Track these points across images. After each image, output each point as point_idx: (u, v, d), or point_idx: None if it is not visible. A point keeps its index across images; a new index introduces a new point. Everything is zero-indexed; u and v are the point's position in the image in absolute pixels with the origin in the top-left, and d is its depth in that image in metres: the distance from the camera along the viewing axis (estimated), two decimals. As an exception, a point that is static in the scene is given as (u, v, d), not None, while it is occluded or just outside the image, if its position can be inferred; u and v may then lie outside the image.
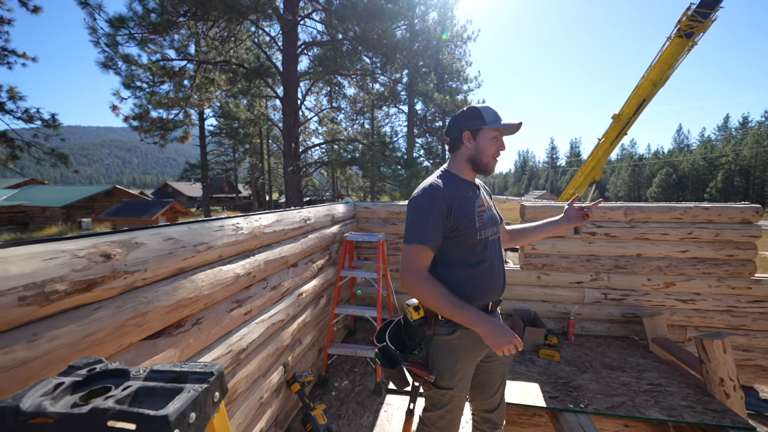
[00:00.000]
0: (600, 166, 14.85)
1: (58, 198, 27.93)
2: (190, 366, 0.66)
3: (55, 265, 0.77)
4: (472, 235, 1.21)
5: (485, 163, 1.27)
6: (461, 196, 1.23)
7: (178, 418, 0.53)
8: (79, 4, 6.96)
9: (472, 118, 1.25)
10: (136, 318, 0.96)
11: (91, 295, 0.85)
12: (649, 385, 2.42)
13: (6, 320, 0.68)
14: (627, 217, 3.08)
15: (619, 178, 66.32)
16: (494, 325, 1.11)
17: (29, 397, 0.56)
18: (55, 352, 0.76)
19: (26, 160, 11.48)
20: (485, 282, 1.26)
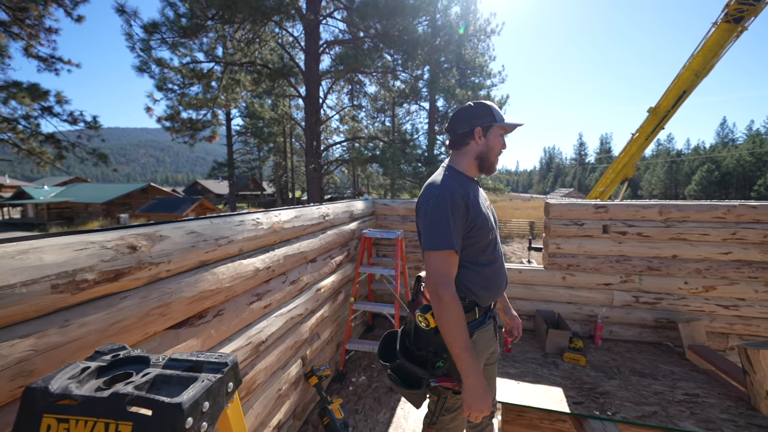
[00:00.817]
0: (633, 162, 14.05)
1: (99, 195, 29.89)
2: (206, 356, 0.68)
3: (86, 256, 0.82)
4: (486, 234, 1.17)
5: (492, 162, 1.23)
6: (473, 194, 1.19)
7: (191, 407, 0.54)
8: (117, 11, 7.38)
9: (484, 115, 1.20)
10: (161, 308, 1.00)
11: (119, 284, 0.89)
12: (684, 395, 2.26)
13: (40, 306, 0.73)
14: (662, 216, 2.89)
15: (654, 176, 62.55)
16: (482, 388, 1.05)
17: (58, 379, 0.60)
18: (85, 338, 0.80)
19: (71, 160, 12.37)
20: (495, 281, 1.22)
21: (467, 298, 1.18)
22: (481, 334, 1.19)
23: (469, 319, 1.18)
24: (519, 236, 22.39)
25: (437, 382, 1.11)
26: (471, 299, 1.18)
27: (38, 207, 28.42)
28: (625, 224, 2.96)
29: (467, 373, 1.05)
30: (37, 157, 11.95)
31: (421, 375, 1.13)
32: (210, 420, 0.58)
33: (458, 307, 1.07)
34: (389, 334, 1.30)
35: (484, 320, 1.21)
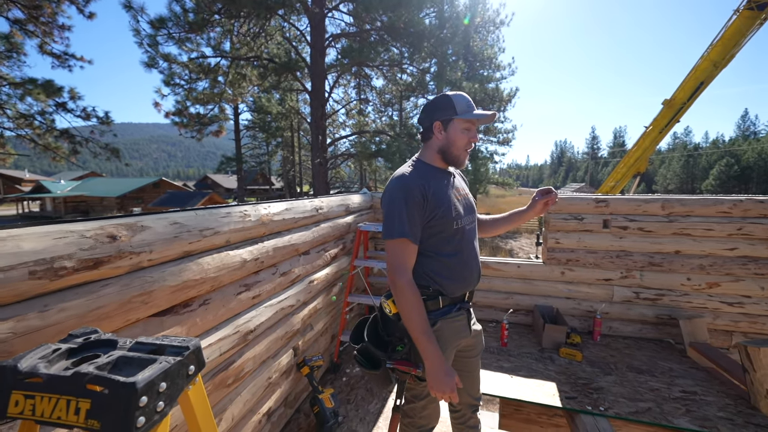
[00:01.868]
0: (646, 156, 13.70)
1: (113, 189, 30.64)
2: (170, 340, 0.70)
3: (64, 244, 0.85)
4: (449, 225, 1.18)
5: (456, 156, 1.22)
6: (436, 185, 1.19)
7: (146, 386, 0.57)
8: (124, 7, 7.48)
9: (444, 108, 1.19)
10: (143, 296, 1.04)
11: (99, 272, 0.93)
12: (681, 392, 2.24)
13: (19, 291, 0.76)
14: (665, 210, 2.83)
15: (669, 170, 60.75)
16: (444, 369, 1.09)
17: (28, 359, 0.63)
18: (65, 323, 0.84)
19: (86, 155, 12.70)
20: (462, 272, 1.22)
21: (431, 286, 1.19)
22: (446, 323, 1.21)
23: (433, 307, 1.19)
24: (528, 231, 22.15)
25: (393, 365, 1.17)
26: (435, 288, 1.19)
27: (56, 201, 29.32)
28: (627, 219, 2.90)
29: (426, 355, 1.09)
30: (53, 152, 12.31)
31: (382, 357, 1.19)
32: (167, 400, 0.61)
33: (413, 294, 1.11)
34: (363, 319, 1.35)
35: (450, 310, 1.22)
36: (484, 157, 21.55)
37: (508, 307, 3.21)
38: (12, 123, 11.54)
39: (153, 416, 0.58)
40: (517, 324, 3.25)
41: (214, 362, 1.35)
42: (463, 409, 1.44)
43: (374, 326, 1.32)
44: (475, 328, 1.38)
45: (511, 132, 24.29)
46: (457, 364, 1.37)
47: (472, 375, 1.42)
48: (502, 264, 3.29)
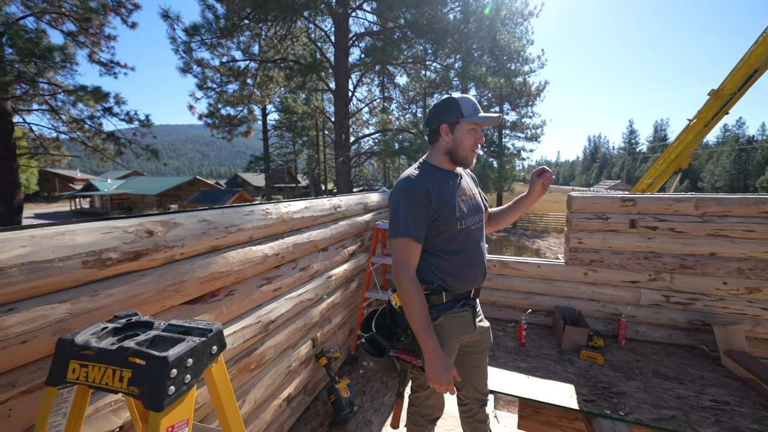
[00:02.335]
0: (689, 152, 12.73)
1: (152, 187, 32.75)
2: (197, 323, 0.80)
3: (110, 238, 0.98)
4: (452, 225, 1.21)
5: (463, 156, 1.25)
6: (440, 186, 1.22)
7: (176, 360, 0.66)
8: (162, 17, 7.98)
9: (451, 111, 1.22)
10: (175, 285, 1.16)
11: (138, 263, 1.05)
12: (712, 401, 2.13)
13: (74, 278, 0.89)
14: (698, 210, 2.67)
15: (718, 166, 56.00)
16: (442, 362, 1.14)
17: (82, 334, 0.75)
18: (110, 306, 0.97)
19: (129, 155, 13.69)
20: (466, 270, 1.26)
21: (435, 282, 1.24)
22: (449, 318, 1.25)
23: (436, 301, 1.24)
24: (556, 231, 21.34)
25: (395, 353, 1.24)
26: (439, 284, 1.24)
27: (103, 198, 31.78)
28: (656, 219, 2.77)
29: (425, 348, 1.15)
30: (101, 153, 13.37)
31: (386, 346, 1.26)
32: (193, 374, 0.70)
33: (415, 290, 1.16)
34: (373, 311, 1.43)
35: (453, 306, 1.26)
36: (510, 153, 20.97)
37: (527, 308, 3.17)
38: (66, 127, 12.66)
39: (181, 387, 0.67)
40: (536, 325, 3.19)
41: (238, 348, 1.47)
42: (470, 403, 1.48)
43: (383, 317, 1.40)
44: (482, 324, 1.41)
45: (539, 127, 23.44)
46: (462, 358, 1.41)
47: (479, 370, 1.45)
48: (522, 264, 3.24)
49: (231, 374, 1.42)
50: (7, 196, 10.86)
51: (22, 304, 0.80)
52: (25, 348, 0.80)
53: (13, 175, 11.01)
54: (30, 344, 0.80)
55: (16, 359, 0.79)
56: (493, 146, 21.61)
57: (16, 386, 0.80)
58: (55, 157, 13.53)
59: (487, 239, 4.64)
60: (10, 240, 0.79)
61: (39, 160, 14.11)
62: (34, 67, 11.04)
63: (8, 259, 0.77)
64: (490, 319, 3.27)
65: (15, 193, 11.14)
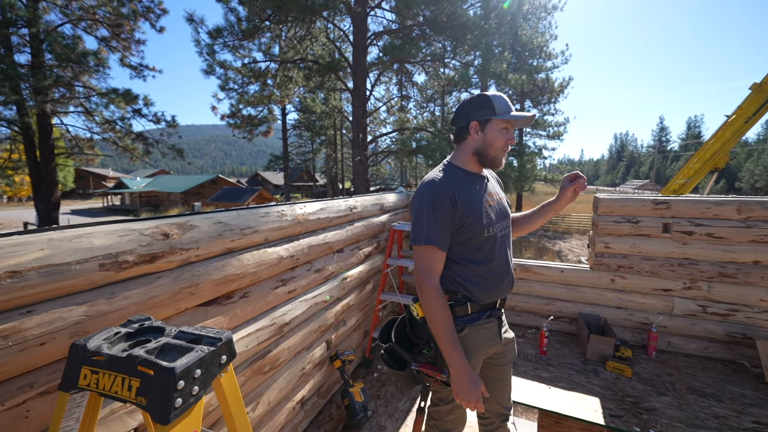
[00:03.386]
0: (726, 150, 11.92)
1: (178, 185, 34.06)
2: (207, 331, 0.78)
3: (127, 241, 0.98)
4: (479, 233, 1.14)
5: (493, 156, 1.17)
6: (467, 190, 1.15)
7: (183, 371, 0.64)
8: (187, 21, 8.22)
9: (482, 108, 1.15)
10: (190, 287, 1.16)
11: (155, 266, 1.06)
12: (754, 423, 1.96)
13: (91, 280, 0.90)
14: (741, 214, 2.47)
15: (758, 165, 52.33)
16: (470, 377, 1.07)
17: (95, 339, 0.74)
18: (127, 309, 0.97)
19: (156, 154, 14.29)
20: (493, 280, 1.18)
21: (459, 292, 1.17)
22: (474, 330, 1.18)
23: (461, 312, 1.17)
24: (579, 232, 20.58)
25: (418, 367, 1.18)
26: (464, 294, 1.17)
27: (132, 195, 33.33)
28: (692, 223, 2.59)
29: (451, 362, 1.08)
30: (131, 153, 14.01)
31: (407, 359, 1.20)
32: (201, 385, 0.68)
33: (439, 300, 1.10)
34: (392, 319, 1.37)
35: (479, 317, 1.19)
36: (531, 152, 20.39)
37: (549, 314, 3.04)
38: (99, 128, 13.34)
39: (189, 399, 0.65)
40: (559, 332, 3.06)
41: (253, 350, 1.47)
42: (491, 417, 1.41)
43: (402, 327, 1.35)
44: (507, 336, 1.34)
45: (562, 125, 22.64)
46: (486, 371, 1.35)
47: (502, 383, 1.38)
48: (544, 268, 3.11)
49: (245, 377, 1.42)
50: (46, 194, 11.56)
51: (41, 306, 0.81)
52: (43, 350, 0.81)
53: (51, 174, 11.71)
54: (48, 346, 0.81)
55: (35, 361, 0.80)
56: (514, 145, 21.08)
57: (35, 387, 0.81)
58: (89, 156, 14.30)
59: (507, 242, 4.41)
60: (29, 243, 0.80)
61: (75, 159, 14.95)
62: (71, 71, 11.68)
63: (27, 261, 0.78)
64: (509, 325, 3.19)
65: (53, 190, 11.84)
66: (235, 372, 1.37)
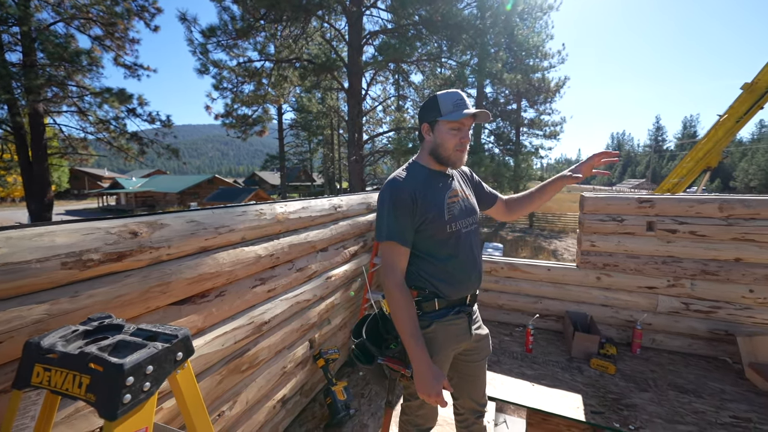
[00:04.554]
0: (719, 149, 12.00)
1: (174, 185, 33.91)
2: (164, 328, 0.79)
3: (91, 239, 0.98)
4: (441, 229, 1.16)
5: (446, 156, 1.19)
6: (428, 188, 1.17)
7: (132, 368, 0.65)
8: (180, 19, 8.18)
9: (431, 109, 1.18)
10: (161, 286, 1.16)
11: (122, 264, 1.06)
12: (732, 417, 1.98)
13: (53, 279, 0.90)
14: (723, 212, 2.49)
15: (752, 164, 52.67)
16: (431, 372, 1.08)
17: (50, 337, 0.74)
18: (92, 307, 0.97)
19: (152, 154, 14.21)
20: (459, 275, 1.19)
21: (427, 288, 1.19)
22: (442, 326, 1.19)
23: (429, 308, 1.19)
24: (575, 231, 20.68)
25: (384, 361, 1.20)
26: (431, 290, 1.19)
27: (128, 195, 33.17)
28: (675, 221, 2.61)
29: (412, 357, 1.10)
30: (125, 153, 13.93)
31: (375, 353, 1.22)
32: (153, 381, 0.69)
33: (402, 296, 1.11)
34: (366, 315, 1.38)
35: (447, 313, 1.20)
36: (527, 152, 20.45)
37: (536, 312, 3.06)
38: (93, 127, 13.25)
39: (139, 395, 0.66)
40: (546, 330, 3.08)
41: (229, 349, 1.47)
42: (466, 414, 1.42)
43: (375, 323, 1.36)
44: (479, 332, 1.35)
45: (559, 125, 22.70)
46: (458, 367, 1.36)
47: (476, 379, 1.39)
48: (532, 266, 3.13)
49: (221, 375, 1.42)
50: (38, 194, 11.47)
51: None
52: (1, 348, 0.80)
53: (44, 174, 11.61)
54: (6, 345, 0.81)
55: (-8, 359, 0.80)
56: (510, 144, 21.13)
57: (-8, 386, 0.81)
58: (83, 156, 14.20)
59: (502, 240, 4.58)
60: (-14, 241, 0.80)
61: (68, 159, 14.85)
62: (64, 70, 11.59)
63: (-16, 260, 0.78)
64: (496, 323, 3.21)
65: (46, 191, 11.75)
66: (210, 371, 1.38)
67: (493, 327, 3.14)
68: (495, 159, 15.11)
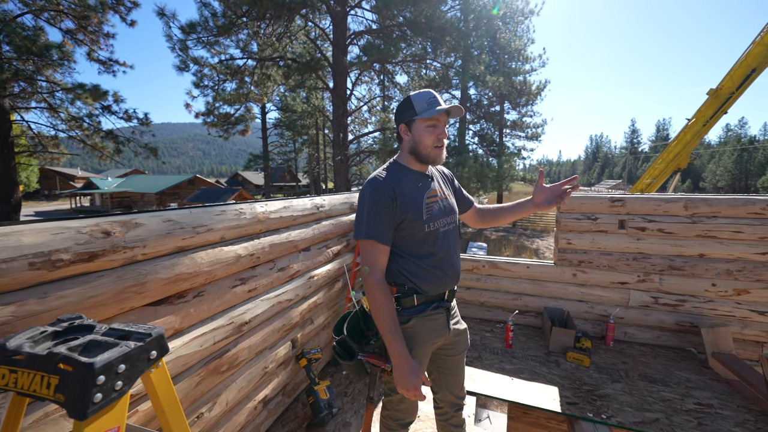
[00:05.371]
0: (688, 152, 12.67)
1: (153, 185, 32.81)
2: (138, 327, 0.78)
3: (61, 239, 0.96)
4: (420, 228, 1.19)
5: (426, 154, 1.23)
6: (407, 187, 1.20)
7: (103, 367, 0.64)
8: (157, 14, 7.94)
9: (406, 110, 1.22)
10: (136, 287, 1.14)
11: (94, 264, 1.03)
12: (696, 404, 2.10)
13: (20, 280, 0.87)
14: (688, 210, 2.64)
15: (719, 166, 55.67)
16: (409, 366, 1.11)
17: (17, 338, 0.72)
18: (62, 309, 0.95)
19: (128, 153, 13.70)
20: (437, 273, 1.23)
21: (406, 285, 1.22)
22: (421, 321, 1.23)
23: (408, 304, 1.22)
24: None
25: (364, 357, 1.23)
26: (410, 286, 1.22)
27: (103, 196, 31.85)
28: (645, 219, 2.74)
29: (392, 352, 1.13)
30: (100, 152, 13.38)
31: (355, 349, 1.24)
32: (126, 380, 0.68)
33: (381, 293, 1.14)
34: (347, 313, 1.41)
35: (425, 308, 1.23)
36: (510, 153, 20.88)
37: (516, 308, 3.14)
38: (65, 125, 12.66)
39: (110, 394, 0.65)
40: (525, 326, 3.17)
41: (208, 350, 1.45)
42: (445, 407, 1.46)
43: (356, 320, 1.39)
44: (457, 327, 1.38)
45: (540, 126, 23.34)
46: (437, 361, 1.39)
47: (454, 373, 1.42)
48: (512, 264, 3.22)
49: (200, 377, 1.40)
50: (4, 194, 10.87)
51: (-40, 307, 0.78)
52: (-37, 352, 0.77)
53: (11, 173, 11.02)
54: (-32, 348, 0.78)
55: (-46, 363, 0.77)
56: (494, 145, 21.53)
57: (-46, 391, 0.78)
58: (53, 155, 13.55)
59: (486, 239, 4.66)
60: (-54, 241, 0.77)
61: (38, 158, 14.13)
62: (32, 64, 11.03)
63: (-56, 260, 0.75)
64: (478, 320, 3.28)
65: (13, 191, 11.15)
66: (189, 372, 1.37)
67: (475, 324, 3.21)
68: (479, 160, 15.37)
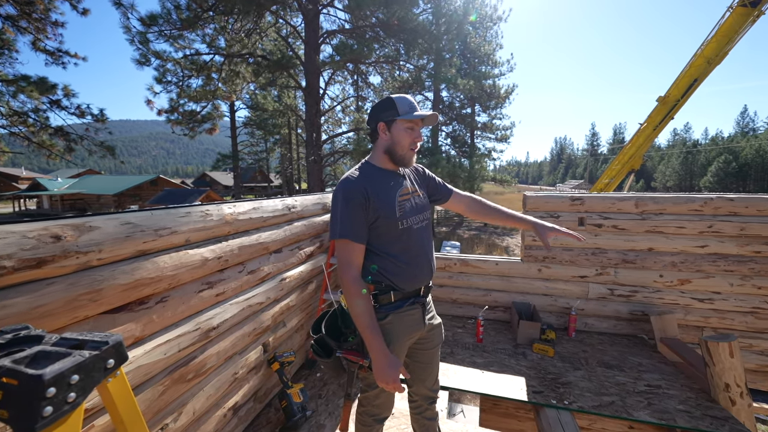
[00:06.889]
0: (640, 153, 13.71)
1: (110, 186, 30.59)
2: (93, 335, 0.74)
3: (4, 244, 0.88)
4: (393, 225, 1.22)
5: (401, 155, 1.27)
6: (380, 186, 1.23)
7: (54, 378, 0.60)
8: (114, 4, 7.45)
9: (387, 109, 1.25)
10: (91, 294, 1.07)
11: (42, 271, 0.96)
12: (646, 386, 2.29)
13: (-46, 290, 0.80)
14: (638, 208, 2.86)
15: (668, 167, 60.71)
16: (387, 360, 1.14)
17: (-48, 353, 0.67)
18: (6, 319, 0.88)
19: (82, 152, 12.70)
20: (411, 270, 1.27)
21: (383, 282, 1.25)
22: (398, 317, 1.26)
23: (385, 301, 1.25)
24: (524, 228, 22.21)
25: (343, 354, 1.25)
26: (387, 284, 1.25)
27: (52, 198, 29.29)
28: (601, 216, 2.94)
29: (370, 348, 1.15)
30: (48, 150, 12.30)
31: (333, 347, 1.26)
32: (80, 391, 0.65)
33: (357, 291, 1.16)
34: (325, 312, 1.42)
35: (402, 305, 1.27)
36: (481, 154, 21.54)
37: (486, 304, 3.26)
38: (5, 120, 11.52)
39: (62, 406, 0.61)
40: (495, 321, 3.30)
41: (173, 358, 1.39)
42: (419, 400, 1.49)
43: (334, 318, 1.40)
44: (432, 322, 1.42)
45: (509, 129, 24.26)
46: (413, 355, 1.42)
47: (429, 366, 1.45)
48: (482, 261, 3.33)
49: (164, 386, 1.34)
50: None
51: None
52: None
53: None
54: None
55: None
56: (465, 146, 22.12)
57: None
58: (-7, 153, 12.30)
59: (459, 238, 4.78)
60: None
61: (-26, 156, 12.78)
62: (-35, 53, 9.97)
63: None
64: (450, 317, 3.36)
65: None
66: (151, 382, 1.30)
67: (448, 320, 3.29)
68: (451, 160, 15.74)
